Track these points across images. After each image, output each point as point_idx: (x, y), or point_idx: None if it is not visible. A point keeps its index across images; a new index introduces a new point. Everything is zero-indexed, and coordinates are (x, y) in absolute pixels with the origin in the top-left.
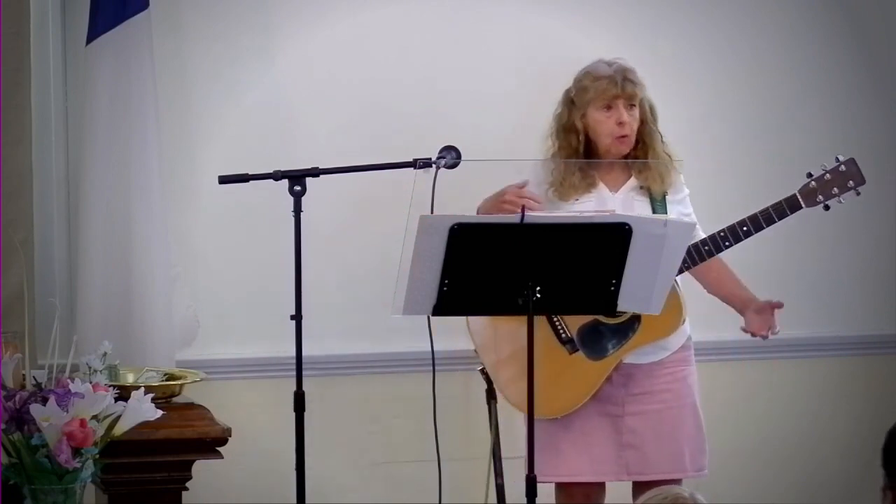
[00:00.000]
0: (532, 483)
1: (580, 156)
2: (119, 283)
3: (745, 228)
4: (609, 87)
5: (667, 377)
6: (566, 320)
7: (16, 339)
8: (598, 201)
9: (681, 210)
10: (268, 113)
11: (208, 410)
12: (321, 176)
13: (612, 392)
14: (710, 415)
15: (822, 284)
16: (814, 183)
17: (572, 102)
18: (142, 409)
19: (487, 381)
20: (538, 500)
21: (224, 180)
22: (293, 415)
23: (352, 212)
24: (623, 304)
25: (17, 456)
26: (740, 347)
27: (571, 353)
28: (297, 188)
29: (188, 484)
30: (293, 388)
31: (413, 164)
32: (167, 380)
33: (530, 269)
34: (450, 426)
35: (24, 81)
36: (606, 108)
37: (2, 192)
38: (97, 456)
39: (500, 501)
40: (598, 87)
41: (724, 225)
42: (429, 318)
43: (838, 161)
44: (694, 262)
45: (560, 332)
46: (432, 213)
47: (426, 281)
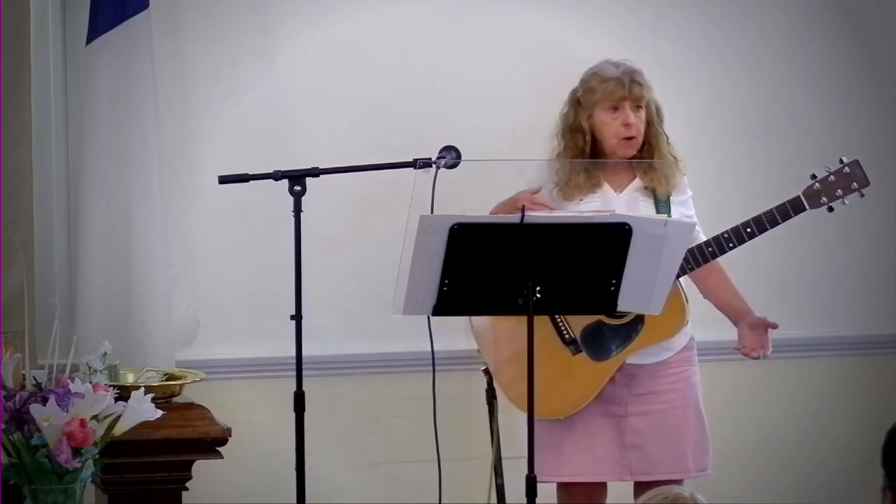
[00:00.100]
0: (532, 483)
1: (586, 156)
2: (119, 283)
3: (748, 230)
4: (616, 88)
5: (671, 377)
6: (570, 321)
7: (16, 339)
8: (602, 201)
9: (683, 212)
10: (268, 113)
11: (208, 410)
12: (321, 176)
13: (615, 392)
14: (710, 415)
15: (822, 284)
16: (818, 185)
17: (579, 103)
18: (142, 409)
19: (488, 380)
20: (538, 500)
21: (224, 180)
22: (293, 415)
23: (352, 212)
24: (623, 304)
25: (17, 456)
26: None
27: (575, 354)
28: (297, 188)
29: (188, 484)
30: (293, 388)
31: (413, 164)
32: (167, 380)
33: (530, 269)
34: (450, 426)
35: (24, 81)
36: (613, 109)
37: (2, 192)
38: (97, 456)
39: (501, 501)
40: (605, 89)
41: (723, 225)
42: (429, 318)
43: (842, 163)
44: (697, 263)
45: (563, 332)
46: (432, 213)
47: (426, 281)
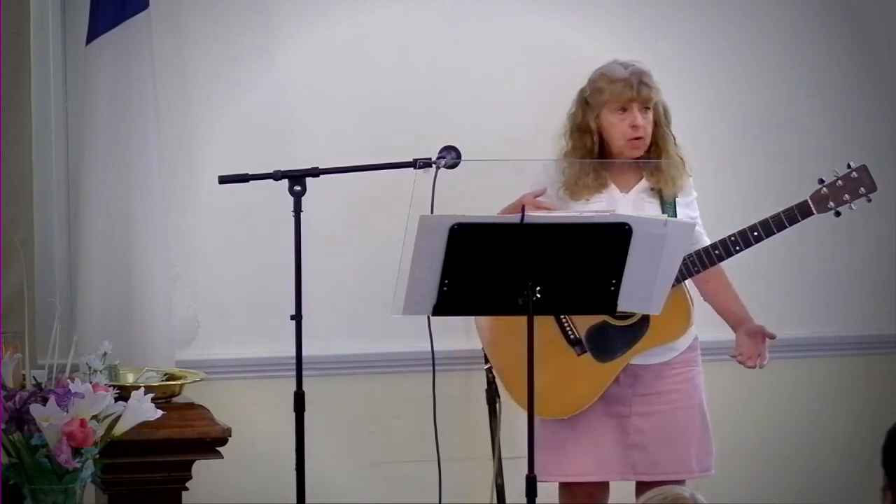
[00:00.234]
0: (532, 483)
1: (594, 156)
2: (119, 283)
3: (755, 234)
4: (625, 90)
5: (675, 378)
6: (575, 321)
7: (16, 339)
8: (608, 202)
9: (688, 213)
10: (268, 113)
11: (208, 410)
12: (321, 176)
13: (619, 392)
14: (710, 415)
15: (822, 284)
16: (825, 189)
17: (587, 103)
18: (142, 409)
19: (490, 380)
20: (539, 500)
21: (224, 180)
22: (293, 415)
23: (352, 212)
24: (623, 304)
25: (17, 456)
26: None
27: (580, 355)
28: (297, 188)
29: (188, 484)
30: (293, 388)
31: (413, 164)
32: (167, 380)
33: (530, 269)
34: (450, 426)
35: (24, 81)
36: (621, 110)
37: (2, 192)
38: (97, 456)
39: (501, 501)
40: (613, 90)
41: (723, 225)
42: (429, 318)
43: (850, 168)
44: (703, 265)
45: (569, 333)
46: (432, 213)
47: (426, 281)
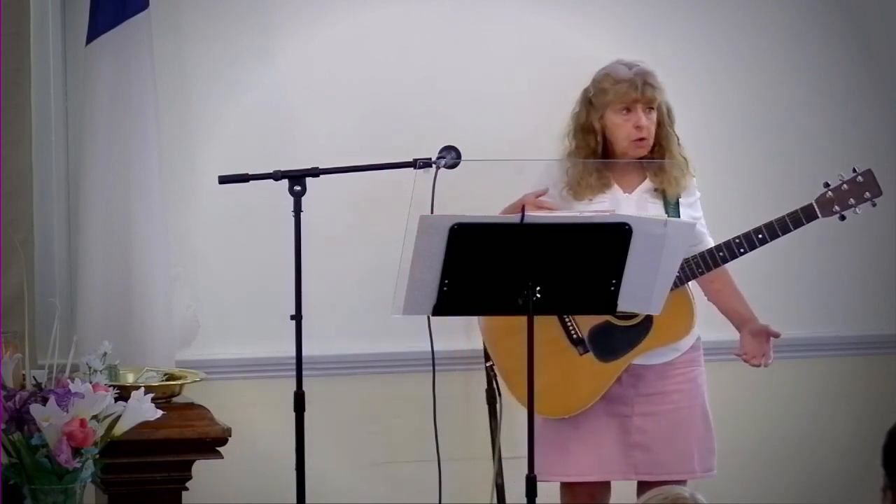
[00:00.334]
0: (532, 483)
1: (598, 156)
2: (119, 283)
3: (759, 236)
4: (629, 90)
5: (678, 378)
6: (578, 321)
7: (16, 339)
8: (611, 202)
9: (692, 214)
10: (268, 113)
11: (208, 410)
12: (321, 176)
13: (621, 392)
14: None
15: (822, 284)
16: (830, 193)
17: (590, 103)
18: (142, 409)
19: (489, 379)
20: (539, 500)
21: (224, 180)
22: (293, 415)
23: (352, 212)
24: (623, 304)
25: (17, 456)
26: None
27: (582, 355)
28: (297, 188)
29: (188, 484)
30: (293, 388)
31: (413, 164)
32: (167, 380)
33: (530, 269)
34: (450, 426)
35: (24, 81)
36: (625, 110)
37: (2, 192)
38: (97, 456)
39: (501, 501)
40: (617, 91)
41: (723, 225)
42: (429, 318)
43: (855, 171)
44: (708, 267)
45: (571, 332)
46: (432, 213)
47: (426, 281)
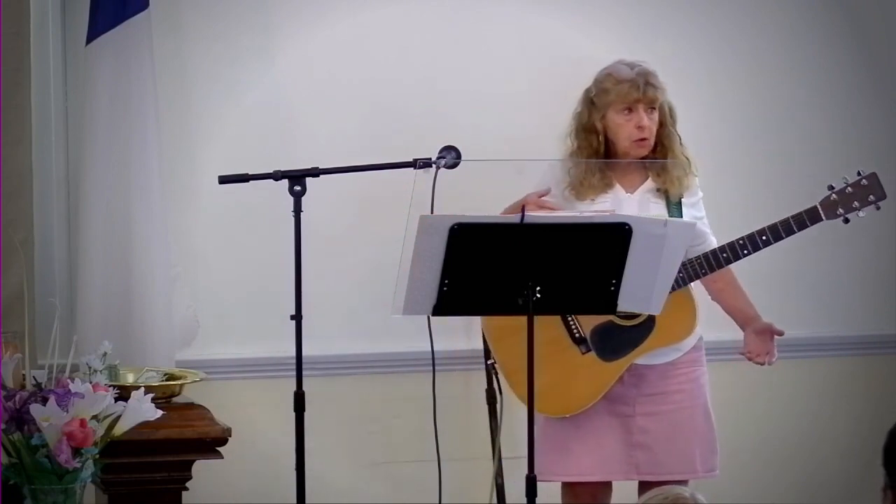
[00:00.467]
0: (532, 483)
1: (600, 156)
2: (119, 283)
3: (763, 238)
4: (631, 91)
5: (680, 378)
6: (580, 320)
7: (16, 339)
8: (613, 202)
9: (694, 214)
10: (268, 113)
11: (208, 410)
12: (321, 176)
13: (623, 392)
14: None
15: (822, 284)
16: (835, 196)
17: (592, 103)
18: (142, 409)
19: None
20: (539, 499)
21: (224, 180)
22: (293, 415)
23: (352, 212)
24: (623, 304)
25: (17, 456)
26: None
27: (584, 354)
28: (297, 188)
29: (188, 484)
30: (293, 388)
31: (413, 164)
32: (167, 380)
33: (530, 269)
34: (450, 426)
35: (24, 81)
36: (627, 110)
37: (2, 192)
38: (97, 456)
39: (501, 501)
40: (619, 91)
41: (723, 225)
42: (429, 318)
43: (860, 175)
44: (711, 268)
45: (574, 331)
46: (432, 213)
47: (426, 281)
